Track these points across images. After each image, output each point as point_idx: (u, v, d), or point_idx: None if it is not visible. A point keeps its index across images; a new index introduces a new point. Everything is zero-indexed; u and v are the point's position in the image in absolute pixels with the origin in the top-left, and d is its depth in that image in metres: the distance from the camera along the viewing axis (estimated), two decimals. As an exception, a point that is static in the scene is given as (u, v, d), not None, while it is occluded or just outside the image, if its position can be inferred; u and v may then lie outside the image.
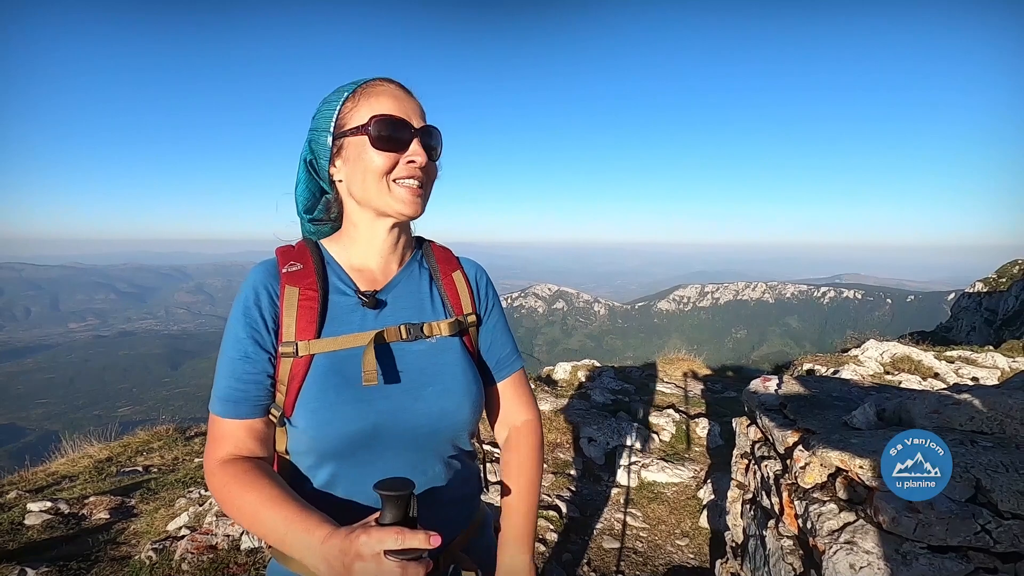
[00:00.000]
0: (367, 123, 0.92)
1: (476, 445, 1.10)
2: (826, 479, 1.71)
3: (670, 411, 5.52)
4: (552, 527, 3.47)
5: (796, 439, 1.94)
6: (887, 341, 6.63)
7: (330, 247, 1.02)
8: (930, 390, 2.02)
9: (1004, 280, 15.25)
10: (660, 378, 7.05)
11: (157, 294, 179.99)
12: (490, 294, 1.13)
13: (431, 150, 0.96)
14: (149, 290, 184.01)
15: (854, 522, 1.51)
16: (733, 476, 2.70)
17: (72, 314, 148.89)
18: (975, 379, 5.37)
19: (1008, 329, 12.52)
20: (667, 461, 4.53)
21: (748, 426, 2.56)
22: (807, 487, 1.74)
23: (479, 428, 1.07)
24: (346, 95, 0.95)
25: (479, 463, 1.10)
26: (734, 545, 2.59)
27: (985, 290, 15.51)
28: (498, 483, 1.13)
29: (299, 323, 0.91)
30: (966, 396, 1.75)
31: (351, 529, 0.72)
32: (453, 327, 1.01)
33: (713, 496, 3.86)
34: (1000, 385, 1.87)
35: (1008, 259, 16.42)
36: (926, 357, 5.75)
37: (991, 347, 6.93)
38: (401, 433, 0.93)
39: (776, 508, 1.96)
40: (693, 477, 4.34)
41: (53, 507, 3.64)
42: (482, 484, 1.10)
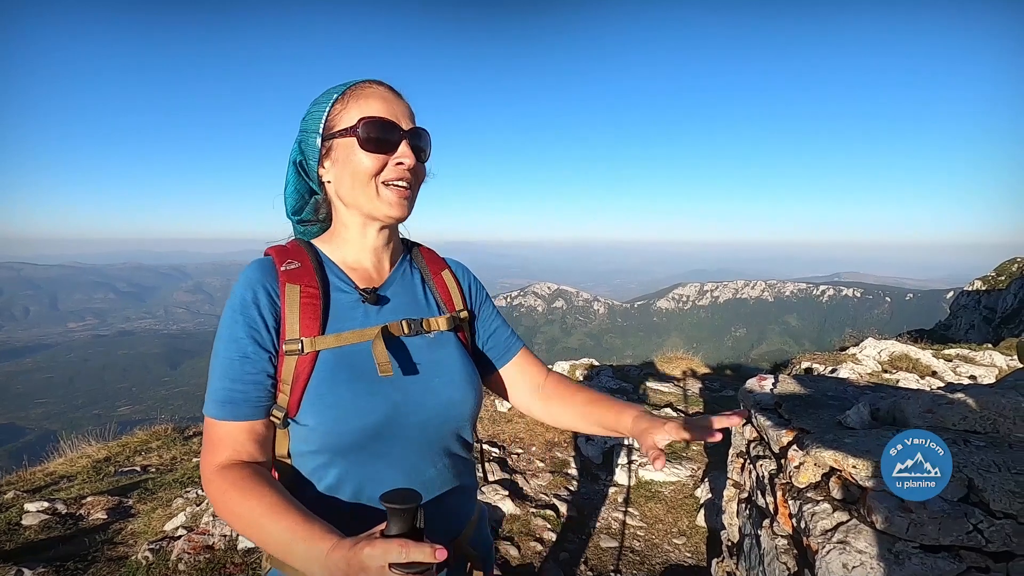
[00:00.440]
0: (355, 125, 0.92)
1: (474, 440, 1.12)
2: (820, 479, 1.71)
3: (668, 410, 5.53)
4: (549, 526, 3.47)
5: (790, 438, 1.94)
6: (885, 339, 6.62)
7: (322, 247, 1.02)
8: (924, 389, 2.03)
9: (1003, 278, 15.26)
10: (659, 377, 7.05)
11: (156, 293, 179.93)
12: (478, 290, 1.17)
13: (419, 152, 0.97)
14: (148, 289, 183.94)
15: (847, 522, 1.51)
16: (729, 475, 2.70)
17: (71, 313, 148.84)
18: (973, 377, 5.37)
19: (1007, 327, 12.53)
20: (665, 460, 4.54)
21: (743, 425, 2.56)
22: (801, 486, 1.74)
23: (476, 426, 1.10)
24: (335, 97, 0.96)
25: (476, 458, 1.13)
26: (730, 544, 2.59)
27: (984, 288, 15.51)
28: (496, 482, 1.16)
29: (303, 320, 0.90)
30: (959, 395, 1.76)
31: (356, 540, 0.70)
32: (450, 322, 1.04)
33: (710, 495, 3.86)
34: (993, 384, 1.87)
35: (1007, 257, 16.41)
36: (924, 355, 5.75)
37: (990, 345, 6.93)
38: (413, 424, 0.94)
39: (771, 507, 1.97)
40: (691, 476, 4.35)
41: (50, 507, 3.64)
42: (477, 478, 1.13)
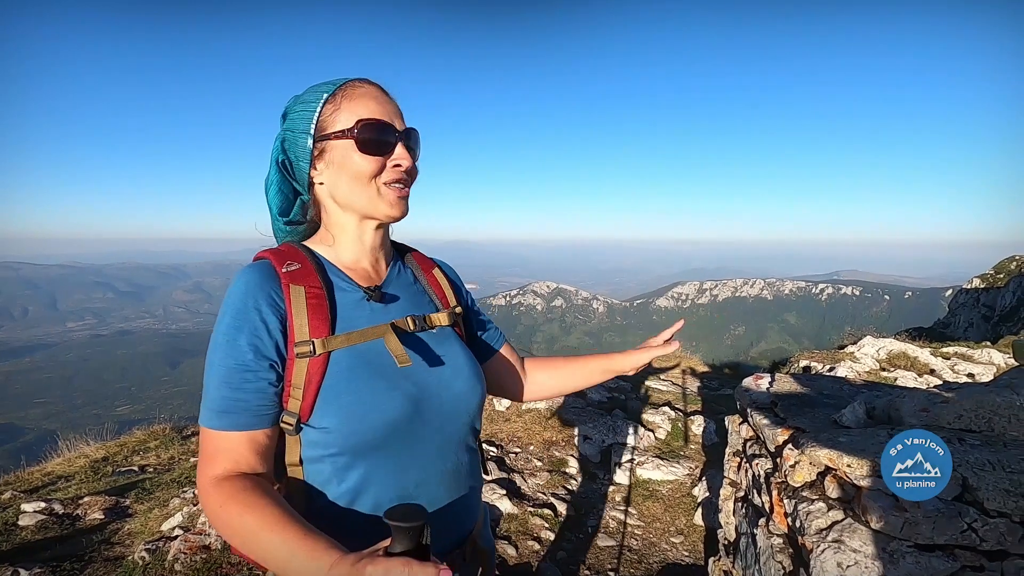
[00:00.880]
0: (353, 127, 0.91)
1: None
2: (815, 478, 1.71)
3: (666, 408, 5.53)
4: (547, 525, 3.47)
5: (786, 437, 1.94)
6: (884, 338, 6.62)
7: (317, 248, 1.01)
8: (919, 388, 2.02)
9: (1002, 276, 15.26)
10: (657, 375, 7.05)
11: (155, 293, 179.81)
12: (464, 288, 1.23)
13: (413, 152, 0.98)
14: (147, 289, 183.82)
15: (842, 521, 1.51)
16: (726, 474, 2.70)
17: (70, 313, 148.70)
18: (971, 375, 5.38)
19: (1005, 325, 12.54)
20: (662, 459, 4.54)
21: (740, 424, 2.56)
22: (796, 485, 1.74)
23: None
24: (325, 96, 0.94)
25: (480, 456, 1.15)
26: (727, 543, 2.59)
27: (983, 286, 15.52)
28: (493, 481, 1.19)
29: (311, 321, 0.89)
30: (954, 394, 1.75)
31: (359, 557, 0.67)
32: (450, 317, 1.05)
33: (708, 494, 3.86)
34: (989, 383, 1.87)
35: (1006, 255, 16.42)
36: (922, 353, 5.75)
37: (988, 343, 6.93)
38: (432, 418, 0.94)
39: (766, 506, 1.96)
40: (688, 475, 4.35)
41: (47, 507, 3.63)
42: (482, 479, 1.15)
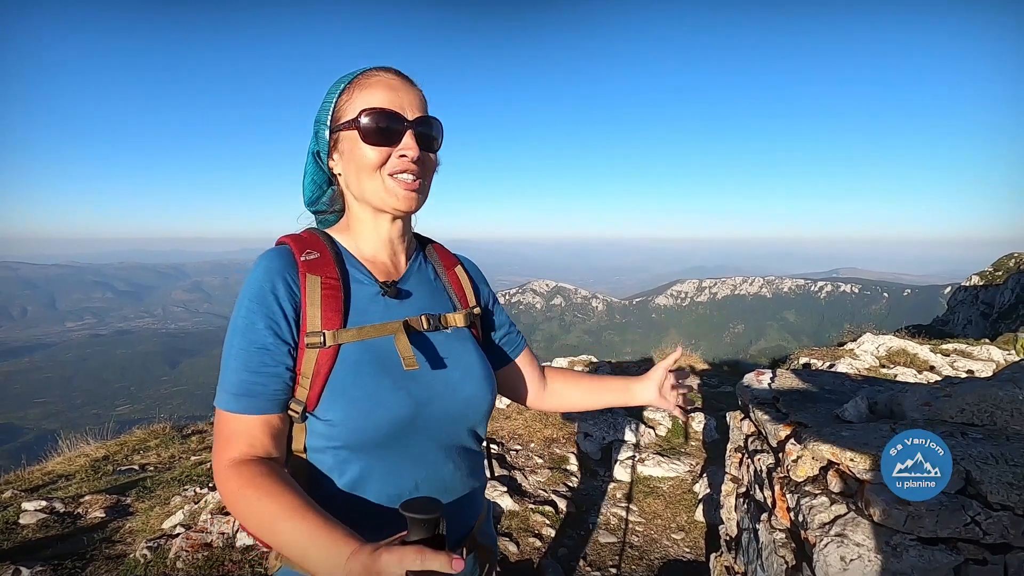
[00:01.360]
0: (357, 116, 0.90)
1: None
2: (817, 472, 1.71)
3: (666, 406, 5.54)
4: (548, 522, 3.47)
5: (788, 432, 1.94)
6: (883, 335, 6.64)
7: (339, 237, 1.00)
8: (921, 383, 2.03)
9: (1000, 273, 15.28)
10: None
11: (154, 293, 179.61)
12: (487, 287, 1.19)
13: (430, 141, 0.94)
14: (146, 288, 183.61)
15: (845, 515, 1.51)
16: (727, 470, 2.70)
17: (69, 313, 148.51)
18: (970, 372, 5.39)
19: (1004, 322, 12.56)
20: (663, 456, 4.54)
21: (742, 420, 2.56)
22: (799, 480, 1.74)
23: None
24: (343, 86, 0.94)
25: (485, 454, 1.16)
26: (728, 539, 2.60)
27: (981, 283, 15.54)
28: (495, 478, 1.18)
29: (324, 312, 0.88)
30: (956, 388, 1.76)
31: (376, 547, 0.68)
32: (467, 318, 1.03)
33: (709, 490, 3.87)
34: (991, 377, 1.87)
35: (1004, 252, 16.44)
36: (921, 350, 5.76)
37: (987, 340, 6.95)
38: (435, 420, 0.93)
39: (769, 501, 1.97)
40: (689, 471, 4.35)
41: (48, 506, 3.63)
42: (486, 473, 1.14)
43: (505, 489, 3.67)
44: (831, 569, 1.40)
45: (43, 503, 3.66)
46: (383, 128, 0.90)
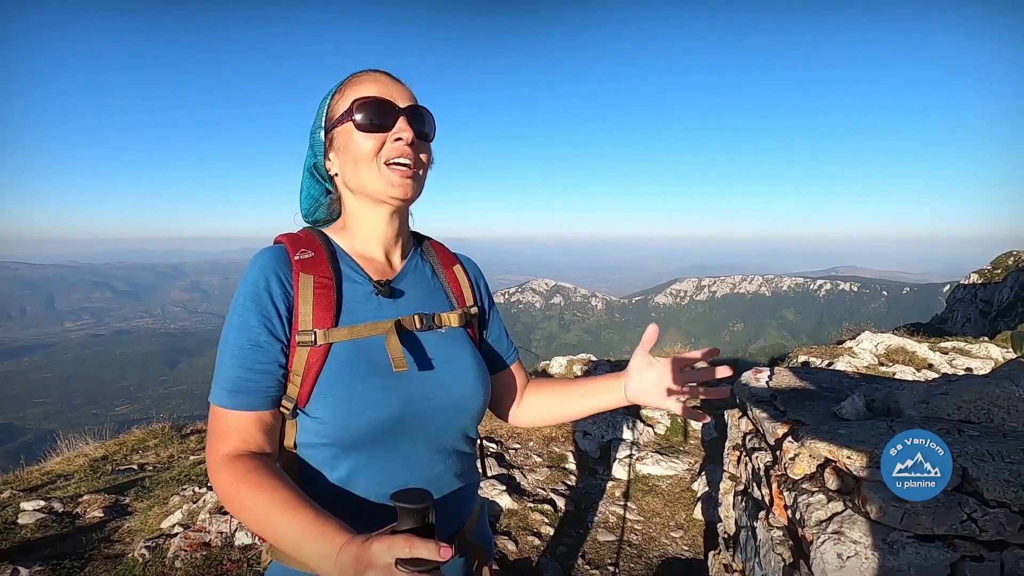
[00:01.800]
0: (349, 108, 0.92)
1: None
2: (815, 470, 1.71)
3: (665, 404, 5.54)
4: (547, 521, 3.47)
5: (786, 430, 1.94)
6: (882, 333, 6.63)
7: (334, 236, 1.01)
8: (919, 381, 2.03)
9: (999, 271, 15.29)
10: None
11: (153, 292, 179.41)
12: (486, 289, 1.17)
13: (423, 129, 0.95)
14: (145, 288, 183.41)
15: (842, 512, 1.51)
16: (725, 468, 2.70)
17: (68, 313, 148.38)
18: (969, 370, 5.38)
19: (1003, 320, 12.57)
20: (662, 454, 4.54)
21: (739, 418, 2.56)
22: (796, 478, 1.75)
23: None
24: (334, 90, 0.96)
25: (478, 454, 1.14)
26: (726, 536, 2.60)
27: (980, 281, 15.55)
28: (493, 477, 1.17)
29: (316, 311, 0.89)
30: (953, 386, 1.76)
31: (367, 537, 0.69)
32: (462, 318, 1.03)
33: (707, 488, 3.87)
34: (988, 374, 1.87)
35: (1003, 250, 16.45)
36: (920, 348, 5.76)
37: (986, 338, 6.94)
38: (425, 420, 0.93)
39: (766, 499, 1.97)
40: (688, 469, 4.36)
41: (47, 506, 3.63)
42: (480, 473, 1.14)
43: (504, 488, 3.67)
44: (828, 566, 1.40)
45: (42, 503, 3.66)
46: (376, 115, 0.91)
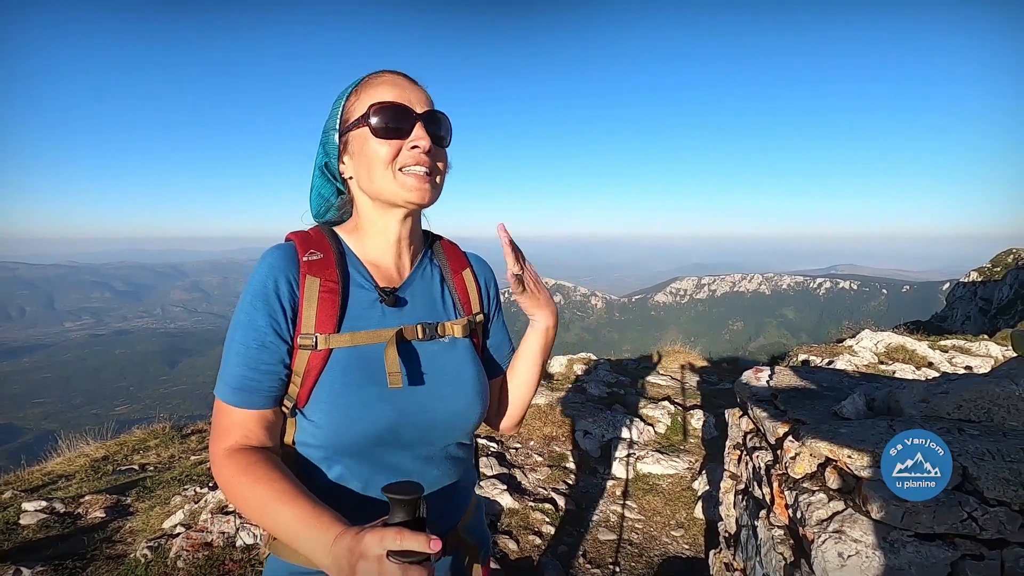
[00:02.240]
0: (366, 112, 0.91)
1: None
2: (815, 469, 1.71)
3: (666, 403, 5.54)
4: (548, 520, 3.48)
5: (786, 429, 1.95)
6: (882, 331, 6.64)
7: (346, 238, 1.00)
8: (919, 379, 2.03)
9: (999, 269, 15.30)
10: (656, 371, 7.06)
11: (153, 292, 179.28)
12: (495, 292, 1.16)
13: (436, 137, 0.94)
14: (145, 288, 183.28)
15: (843, 511, 1.51)
16: (726, 467, 2.71)
17: (68, 313, 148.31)
18: (969, 368, 5.39)
19: (1003, 318, 12.58)
20: (663, 453, 4.55)
21: (740, 417, 2.57)
22: (797, 477, 1.75)
23: None
24: (349, 91, 0.95)
25: (473, 454, 1.14)
26: (727, 535, 2.60)
27: (980, 279, 15.56)
28: (494, 476, 1.17)
29: (319, 315, 0.89)
30: (954, 385, 1.76)
31: (360, 529, 0.71)
32: (465, 328, 1.02)
33: (708, 487, 3.88)
34: (988, 373, 1.88)
35: (1003, 248, 16.47)
36: (920, 346, 5.77)
37: (986, 336, 6.95)
38: (419, 432, 0.93)
39: (767, 498, 1.97)
40: (688, 468, 4.36)
41: (48, 506, 3.63)
42: (477, 473, 1.14)
43: (505, 487, 3.68)
44: (829, 565, 1.41)
45: (43, 503, 3.66)
46: (392, 121, 0.90)
